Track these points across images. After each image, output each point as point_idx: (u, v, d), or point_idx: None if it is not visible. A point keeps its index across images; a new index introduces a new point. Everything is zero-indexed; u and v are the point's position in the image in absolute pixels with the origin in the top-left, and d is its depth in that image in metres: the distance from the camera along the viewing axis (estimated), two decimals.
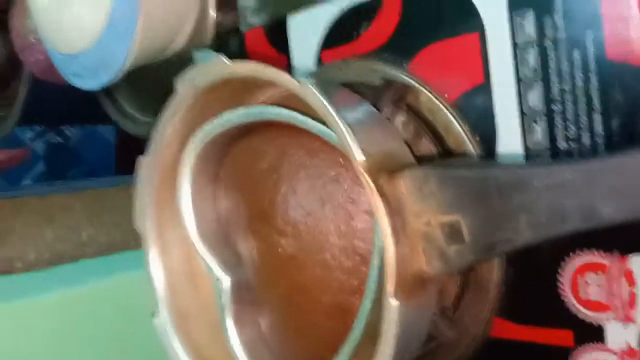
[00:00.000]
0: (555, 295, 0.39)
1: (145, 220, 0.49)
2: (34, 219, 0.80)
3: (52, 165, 1.42)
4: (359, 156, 0.32)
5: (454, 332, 0.43)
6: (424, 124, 0.43)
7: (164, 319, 0.48)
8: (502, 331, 0.43)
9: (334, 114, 0.33)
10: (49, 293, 0.63)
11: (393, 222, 0.32)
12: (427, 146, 0.42)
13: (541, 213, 0.29)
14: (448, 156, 0.41)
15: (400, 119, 0.42)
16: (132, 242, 0.85)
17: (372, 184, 0.32)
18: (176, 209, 0.48)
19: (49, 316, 0.61)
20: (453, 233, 0.32)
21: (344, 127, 0.33)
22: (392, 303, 0.31)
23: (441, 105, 0.42)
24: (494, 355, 0.43)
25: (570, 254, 0.38)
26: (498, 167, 0.33)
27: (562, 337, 0.39)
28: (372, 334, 0.39)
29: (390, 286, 0.31)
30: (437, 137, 0.42)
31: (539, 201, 0.29)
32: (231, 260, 0.47)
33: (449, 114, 0.42)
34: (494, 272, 0.42)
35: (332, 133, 0.35)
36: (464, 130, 0.41)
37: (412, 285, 0.33)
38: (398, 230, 0.32)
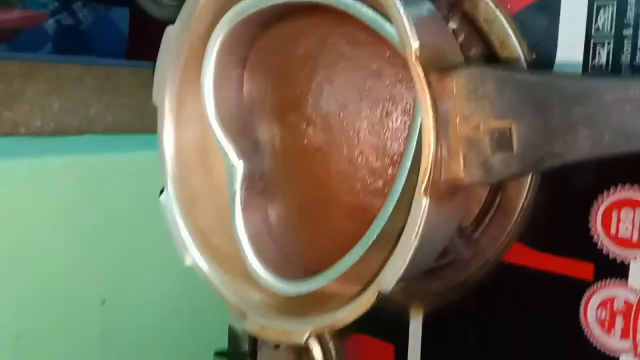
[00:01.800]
0: (583, 227, 0.38)
1: (165, 94, 0.46)
2: (43, 87, 0.77)
3: (60, 48, 1.37)
4: (414, 44, 0.29)
5: (469, 252, 0.42)
6: (478, 34, 0.40)
7: (171, 197, 0.47)
8: (519, 257, 0.41)
9: None
10: (53, 157, 0.61)
11: (437, 121, 0.30)
12: (476, 58, 0.40)
13: (604, 129, 0.27)
14: None
15: (452, 25, 0.39)
16: (138, 125, 0.83)
17: (422, 77, 0.29)
18: (198, 87, 0.46)
19: (54, 179, 0.60)
20: (501, 141, 0.30)
21: (403, 13, 0.30)
22: (422, 201, 0.29)
23: (500, 16, 0.39)
24: (504, 281, 0.42)
25: (611, 187, 0.36)
26: (565, 77, 0.31)
27: (582, 269, 0.38)
28: (387, 240, 0.38)
29: (422, 184, 0.29)
30: (489, 50, 0.40)
31: (605, 116, 0.27)
32: (248, 148, 0.45)
33: (507, 27, 0.39)
34: (522, 196, 0.40)
35: (384, 22, 0.33)
36: (521, 45, 0.38)
37: (443, 191, 0.32)
38: (441, 131, 0.30)
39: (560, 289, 0.39)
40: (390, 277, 0.31)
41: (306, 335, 0.37)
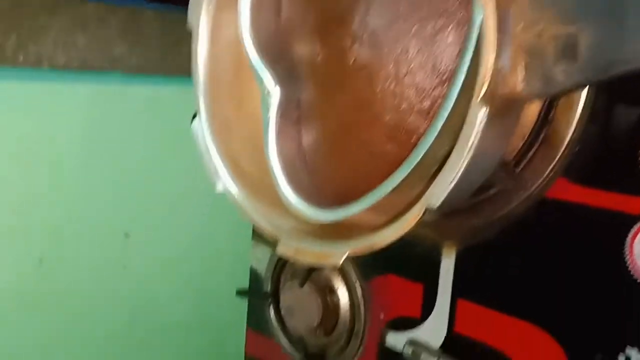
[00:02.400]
0: (634, 161, 0.36)
1: (200, 15, 0.45)
2: (68, 24, 0.75)
3: None
4: None
5: (511, 185, 0.40)
6: None
7: (203, 122, 0.46)
8: (562, 192, 0.40)
9: None
10: (80, 85, 0.60)
11: (499, 26, 0.28)
12: None
13: None
14: None
15: None
16: (162, 68, 0.81)
17: None
18: (233, 13, 0.44)
19: (79, 108, 0.59)
20: (567, 48, 0.28)
21: None
22: (479, 111, 0.28)
23: None
24: (546, 216, 0.41)
25: None
26: None
27: (630, 204, 0.37)
28: (429, 167, 0.36)
29: (480, 92, 0.28)
30: None
31: None
32: (284, 74, 0.44)
33: None
34: (571, 128, 0.39)
35: None
36: None
37: (498, 105, 0.30)
38: (502, 38, 0.28)
39: (606, 224, 0.38)
40: (439, 191, 0.30)
41: (344, 257, 0.36)
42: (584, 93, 0.38)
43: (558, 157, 0.40)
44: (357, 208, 0.37)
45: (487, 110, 0.28)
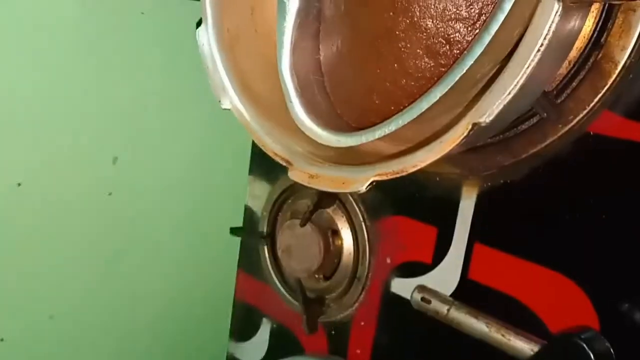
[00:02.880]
0: None
1: None
2: None
3: None
4: None
5: (553, 116, 0.36)
6: None
7: (210, 30, 0.41)
8: (608, 127, 0.36)
9: None
10: None
11: None
12: None
13: None
14: None
15: None
16: None
17: None
18: None
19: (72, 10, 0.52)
20: None
21: None
22: (554, 3, 0.24)
23: None
24: (585, 154, 0.37)
25: None
26: None
27: None
28: (473, 84, 0.32)
29: None
30: None
31: None
32: None
33: None
34: (625, 54, 0.35)
35: None
36: None
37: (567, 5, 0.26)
38: None
39: None
40: (494, 100, 0.26)
41: (369, 182, 0.32)
42: None
43: (607, 87, 0.36)
44: (386, 129, 0.33)
45: (560, 5, 0.24)
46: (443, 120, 0.33)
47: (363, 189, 0.32)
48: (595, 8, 0.35)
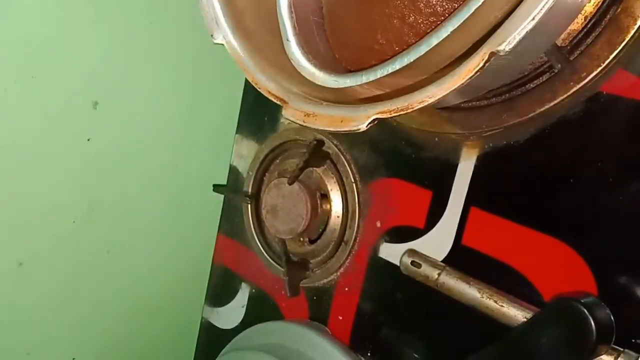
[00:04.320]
0: None
1: None
2: None
3: None
4: None
5: (567, 71, 0.34)
6: None
7: None
8: (622, 87, 0.35)
9: None
10: None
11: None
12: None
13: None
14: None
15: None
16: None
17: None
18: None
19: None
20: None
21: None
22: None
23: None
24: (597, 114, 0.36)
25: None
26: None
27: None
28: (475, 30, 0.30)
29: None
30: None
31: None
32: None
33: None
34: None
35: None
36: None
37: None
38: None
39: None
40: (517, 26, 0.24)
41: (370, 120, 0.29)
42: None
43: (624, 43, 0.34)
44: (392, 67, 0.31)
45: None
46: (447, 70, 0.31)
47: (364, 127, 0.30)
48: None
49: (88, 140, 0.55)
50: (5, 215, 0.53)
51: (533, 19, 0.24)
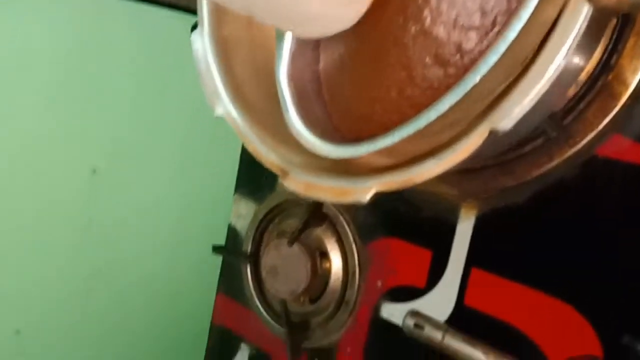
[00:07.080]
0: None
1: None
2: None
3: None
4: None
5: (563, 137, 0.35)
6: None
7: (205, 34, 0.39)
8: (617, 150, 0.35)
9: None
10: None
11: None
12: None
13: None
14: None
15: None
16: None
17: None
18: None
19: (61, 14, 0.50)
20: None
21: None
22: (583, 7, 0.23)
23: None
24: (593, 178, 0.36)
25: None
26: None
27: None
28: (489, 91, 0.31)
29: None
30: None
31: None
32: None
33: None
34: (637, 76, 0.34)
35: None
36: None
37: (598, 6, 0.25)
38: None
39: None
40: (518, 102, 0.24)
41: (371, 193, 0.30)
42: None
43: (617, 109, 0.35)
44: (391, 139, 0.31)
45: (591, 8, 0.23)
46: (445, 137, 0.31)
47: (366, 199, 0.30)
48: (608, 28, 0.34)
49: (89, 220, 0.55)
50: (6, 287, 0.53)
51: (537, 93, 0.25)
